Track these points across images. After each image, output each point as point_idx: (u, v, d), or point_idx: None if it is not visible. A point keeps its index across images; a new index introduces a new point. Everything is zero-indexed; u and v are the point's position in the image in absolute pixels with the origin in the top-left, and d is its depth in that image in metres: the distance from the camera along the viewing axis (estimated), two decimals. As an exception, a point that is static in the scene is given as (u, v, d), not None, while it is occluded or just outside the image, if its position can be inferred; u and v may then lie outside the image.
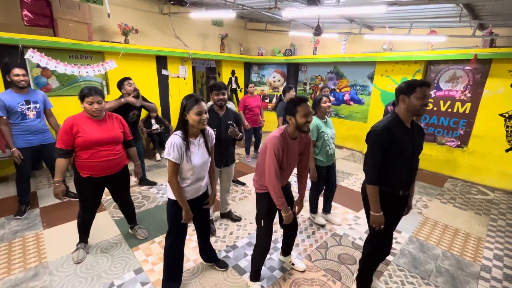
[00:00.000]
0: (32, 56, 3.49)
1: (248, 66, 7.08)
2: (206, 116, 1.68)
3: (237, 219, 2.98)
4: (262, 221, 1.87)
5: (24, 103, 2.75)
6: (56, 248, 2.41)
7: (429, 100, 1.70)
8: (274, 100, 7.06)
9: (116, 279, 2.09)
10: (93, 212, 2.30)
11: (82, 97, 2.01)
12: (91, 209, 2.27)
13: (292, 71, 6.80)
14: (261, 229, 1.91)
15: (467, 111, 4.45)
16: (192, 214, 1.79)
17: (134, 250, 2.42)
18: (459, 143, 4.60)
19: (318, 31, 4.16)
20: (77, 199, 2.25)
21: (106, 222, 2.84)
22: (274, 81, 7.08)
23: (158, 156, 4.92)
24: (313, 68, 6.58)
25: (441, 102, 4.71)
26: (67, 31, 3.76)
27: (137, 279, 2.09)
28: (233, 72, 6.72)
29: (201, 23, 5.92)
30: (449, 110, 4.64)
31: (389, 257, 2.46)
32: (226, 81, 6.68)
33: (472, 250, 2.62)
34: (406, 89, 1.61)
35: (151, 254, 2.38)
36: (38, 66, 3.78)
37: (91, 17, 4.06)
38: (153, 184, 3.81)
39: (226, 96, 2.50)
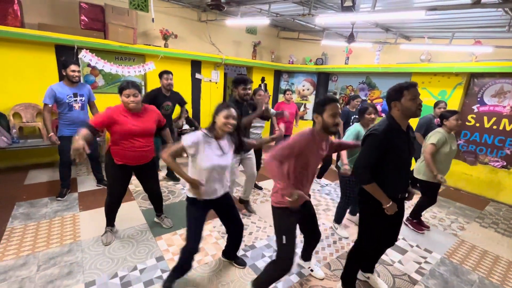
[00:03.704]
0: (85, 56, 3.90)
1: (278, 74, 7.16)
2: (233, 122, 1.75)
3: (251, 211, 3.13)
4: (284, 237, 1.69)
5: (72, 95, 3.03)
6: (89, 229, 2.60)
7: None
8: (302, 109, 7.04)
9: (139, 263, 2.20)
10: (119, 199, 2.41)
11: (120, 90, 2.15)
12: (117, 196, 2.39)
13: (322, 80, 6.74)
14: (282, 245, 1.71)
15: (515, 129, 4.06)
16: (203, 184, 1.79)
17: (157, 239, 2.53)
18: (504, 163, 4.18)
19: (351, 39, 4.11)
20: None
21: (134, 211, 3.01)
22: (303, 90, 7.06)
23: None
24: (344, 78, 6.47)
25: (485, 118, 4.35)
26: (116, 35, 4.15)
27: (158, 266, 2.18)
28: (263, 79, 6.84)
29: (235, 31, 6.16)
30: (494, 127, 4.27)
31: (417, 277, 2.29)
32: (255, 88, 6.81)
33: (515, 281, 2.35)
34: (394, 94, 1.64)
35: (173, 244, 2.47)
36: (88, 65, 4.20)
37: (137, 23, 4.43)
38: (178, 179, 3.96)
39: (251, 91, 2.62)
